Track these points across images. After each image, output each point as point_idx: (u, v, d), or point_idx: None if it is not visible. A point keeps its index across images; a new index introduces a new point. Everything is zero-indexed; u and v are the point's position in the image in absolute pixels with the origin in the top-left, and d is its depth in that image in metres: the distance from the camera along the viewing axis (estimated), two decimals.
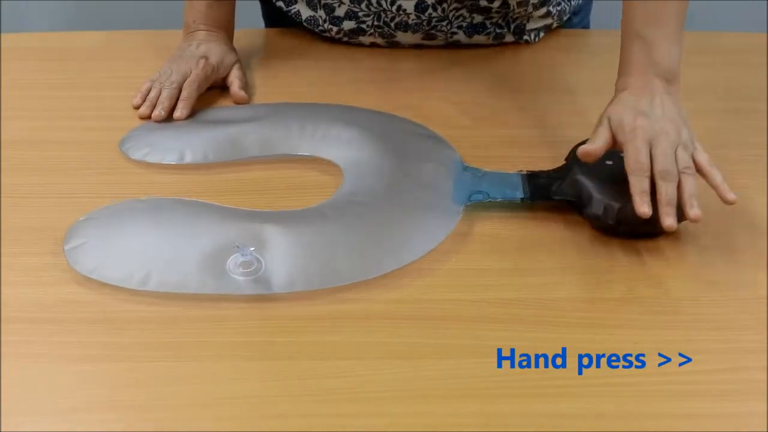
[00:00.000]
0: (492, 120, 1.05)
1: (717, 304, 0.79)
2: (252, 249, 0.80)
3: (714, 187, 0.84)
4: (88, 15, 2.00)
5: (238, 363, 0.73)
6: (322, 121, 0.99)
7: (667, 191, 0.82)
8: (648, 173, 0.83)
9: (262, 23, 1.32)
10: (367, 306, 0.79)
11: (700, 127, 1.03)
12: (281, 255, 0.80)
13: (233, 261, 0.80)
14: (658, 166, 0.83)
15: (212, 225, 0.83)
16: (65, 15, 2.02)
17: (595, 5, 1.30)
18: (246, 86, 1.10)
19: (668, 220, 0.81)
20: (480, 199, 0.89)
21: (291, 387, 0.71)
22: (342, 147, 0.96)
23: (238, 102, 1.08)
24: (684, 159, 0.84)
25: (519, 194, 0.89)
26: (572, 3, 1.22)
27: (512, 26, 1.18)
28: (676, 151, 0.85)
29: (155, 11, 1.66)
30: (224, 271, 0.79)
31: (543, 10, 1.18)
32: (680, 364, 0.73)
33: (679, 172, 0.83)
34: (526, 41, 1.21)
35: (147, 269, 0.79)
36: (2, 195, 0.91)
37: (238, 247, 0.80)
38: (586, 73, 1.14)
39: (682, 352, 0.74)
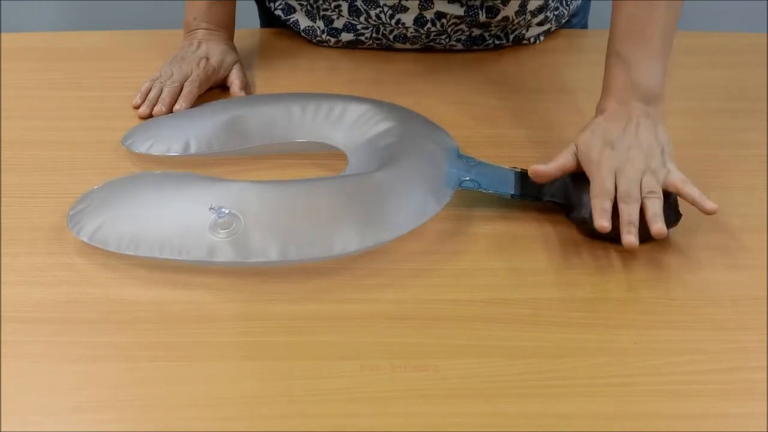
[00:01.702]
0: (491, 120, 1.05)
1: (717, 304, 0.79)
2: (226, 211, 0.80)
3: (692, 202, 0.85)
4: (88, 15, 2.00)
5: (238, 363, 0.73)
6: (324, 101, 0.99)
7: (628, 211, 0.83)
8: (611, 196, 0.84)
9: (258, 24, 1.32)
10: (367, 306, 0.79)
11: (701, 127, 1.04)
12: (260, 216, 0.81)
13: (212, 223, 0.80)
14: (620, 191, 0.84)
15: (203, 192, 0.84)
16: (66, 15, 2.02)
17: (593, 5, 1.30)
18: (246, 86, 1.10)
19: (628, 238, 0.81)
20: (470, 186, 0.89)
21: (291, 387, 0.71)
22: (346, 128, 0.95)
23: None
24: (649, 184, 0.85)
25: (509, 190, 0.89)
26: (570, 7, 1.22)
27: (511, 37, 1.18)
28: (643, 177, 0.85)
29: (156, 11, 1.66)
30: (204, 234, 0.80)
31: (541, 17, 1.18)
32: (680, 364, 0.73)
33: (643, 197, 0.84)
34: (526, 45, 1.21)
35: (136, 232, 0.81)
36: (2, 195, 0.91)
37: (212, 208, 0.80)
38: (586, 72, 1.14)
39: (682, 352, 0.74)
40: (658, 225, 0.82)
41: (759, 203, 0.91)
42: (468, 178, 0.89)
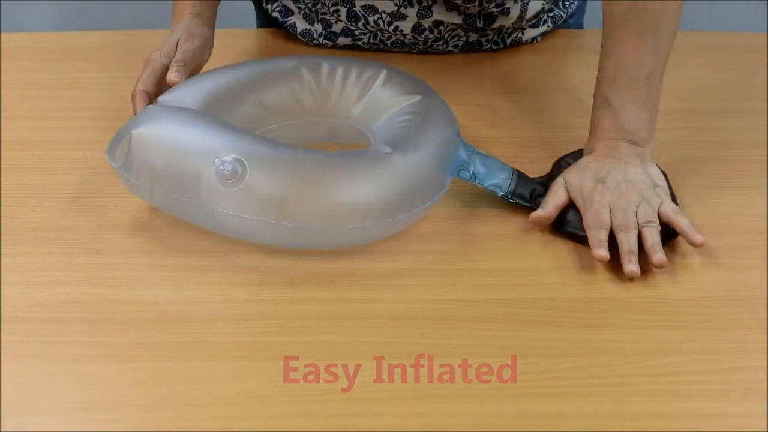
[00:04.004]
0: (491, 120, 1.05)
1: (717, 304, 0.79)
2: (229, 167, 0.79)
3: (681, 233, 0.84)
4: (88, 15, 2.00)
5: (239, 363, 0.73)
6: (340, 64, 0.96)
7: (627, 240, 0.83)
8: (606, 227, 0.84)
9: (254, 26, 1.31)
10: (367, 306, 0.79)
11: (701, 127, 1.03)
12: (267, 171, 0.80)
13: (217, 173, 0.79)
14: (616, 221, 0.84)
15: (221, 139, 0.82)
16: (66, 15, 2.02)
17: (589, 5, 1.30)
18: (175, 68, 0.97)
19: (630, 267, 0.81)
20: (467, 177, 0.88)
21: (291, 387, 0.71)
22: (367, 100, 0.94)
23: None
24: (645, 213, 0.84)
25: (503, 191, 0.88)
26: (568, 10, 1.22)
27: (508, 41, 1.18)
28: (638, 207, 0.85)
29: (155, 11, 1.65)
30: (210, 183, 0.79)
31: (535, 20, 1.18)
32: (680, 364, 0.73)
33: (641, 226, 0.84)
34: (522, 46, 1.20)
35: (155, 157, 0.81)
36: (2, 195, 0.91)
37: (214, 162, 0.79)
38: (584, 73, 1.13)
39: (682, 352, 0.74)
40: (658, 255, 0.81)
41: (759, 203, 0.91)
42: (465, 168, 0.89)
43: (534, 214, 0.87)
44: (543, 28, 1.19)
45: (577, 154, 0.92)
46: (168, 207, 0.84)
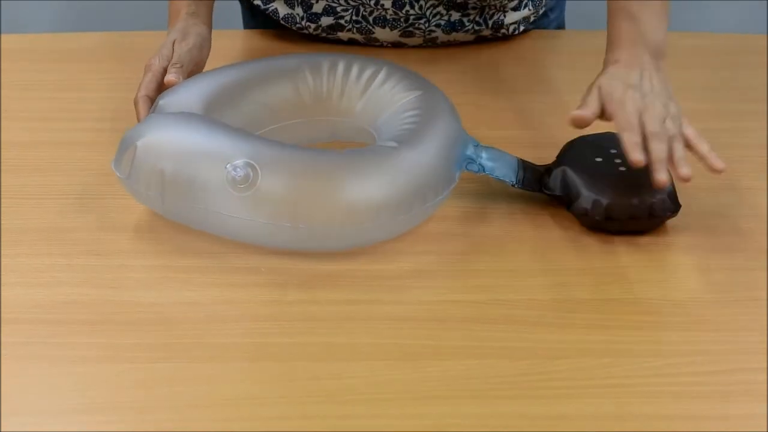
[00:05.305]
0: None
1: (717, 304, 0.80)
2: (241, 172, 0.78)
3: (701, 157, 0.85)
4: (88, 16, 2.00)
5: (239, 364, 0.73)
6: (341, 61, 0.96)
7: (659, 148, 0.83)
8: (639, 130, 0.84)
9: (241, 25, 1.31)
10: (366, 307, 0.79)
11: (700, 128, 1.03)
12: (279, 173, 0.80)
13: (229, 179, 0.79)
14: (649, 128, 0.84)
15: (233, 142, 0.82)
16: (66, 16, 2.02)
17: (567, 5, 1.30)
18: (171, 70, 0.97)
19: (660, 175, 0.81)
20: (474, 170, 0.88)
21: (290, 388, 0.71)
22: (369, 97, 0.93)
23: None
24: (672, 128, 0.85)
25: (512, 178, 0.88)
26: None
27: (490, 23, 1.18)
28: (664, 121, 0.85)
29: (154, 13, 1.66)
30: (222, 189, 0.79)
31: (517, 1, 1.17)
32: (680, 366, 0.73)
33: (670, 138, 0.84)
34: (504, 35, 1.20)
35: (163, 166, 0.80)
36: (2, 195, 0.91)
37: (226, 168, 0.79)
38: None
39: (682, 354, 0.74)
40: (684, 169, 0.82)
41: (759, 204, 0.91)
42: (473, 161, 0.88)
43: (575, 112, 0.87)
44: (524, 12, 1.19)
45: (581, 140, 0.92)
46: (178, 215, 0.84)
